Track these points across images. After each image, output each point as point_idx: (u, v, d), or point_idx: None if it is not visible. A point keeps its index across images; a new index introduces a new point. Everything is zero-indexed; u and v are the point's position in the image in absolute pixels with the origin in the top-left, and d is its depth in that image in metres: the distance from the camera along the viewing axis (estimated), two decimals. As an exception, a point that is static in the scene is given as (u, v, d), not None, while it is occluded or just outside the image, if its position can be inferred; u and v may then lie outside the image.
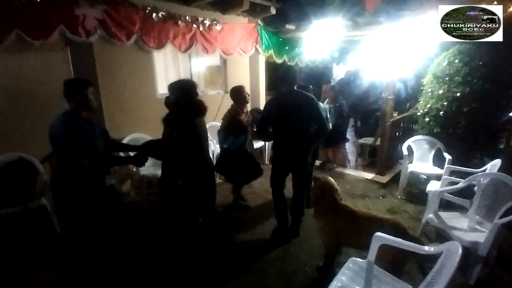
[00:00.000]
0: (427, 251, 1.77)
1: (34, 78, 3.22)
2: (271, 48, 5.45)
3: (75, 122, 1.96)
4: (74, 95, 1.99)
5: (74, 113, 2.00)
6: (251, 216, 3.55)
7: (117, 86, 3.83)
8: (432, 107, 3.92)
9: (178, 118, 2.42)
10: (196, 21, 4.31)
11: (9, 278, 2.51)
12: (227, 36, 4.77)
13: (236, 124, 3.27)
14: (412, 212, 3.61)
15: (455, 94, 3.65)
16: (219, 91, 5.30)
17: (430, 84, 4.00)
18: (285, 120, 2.77)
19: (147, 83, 4.19)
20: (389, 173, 4.72)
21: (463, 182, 2.67)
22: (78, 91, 2.00)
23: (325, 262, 2.48)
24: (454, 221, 2.59)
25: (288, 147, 2.86)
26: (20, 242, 2.95)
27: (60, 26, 3.11)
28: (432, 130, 3.98)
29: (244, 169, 3.41)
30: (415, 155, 4.17)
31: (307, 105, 2.77)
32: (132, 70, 3.95)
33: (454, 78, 3.69)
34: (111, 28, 3.49)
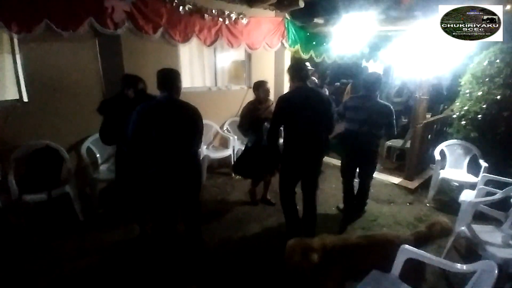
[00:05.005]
0: (459, 269, 1.62)
1: (62, 68, 3.31)
2: (298, 43, 5.29)
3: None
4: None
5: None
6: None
7: (143, 79, 3.86)
8: (469, 109, 3.64)
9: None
10: (222, 15, 4.27)
11: (30, 265, 2.57)
12: (253, 30, 4.69)
13: (254, 119, 3.17)
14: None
15: (495, 97, 3.38)
16: (242, 86, 5.24)
17: (469, 85, 3.71)
18: (298, 118, 2.53)
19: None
20: (418, 178, 4.45)
21: (500, 193, 2.45)
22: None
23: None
24: (488, 235, 2.37)
25: (302, 148, 2.60)
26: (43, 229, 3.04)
27: (89, 18, 3.17)
28: (469, 135, 3.70)
29: (261, 164, 3.29)
30: (448, 161, 3.90)
31: (322, 103, 2.57)
32: (158, 63, 3.94)
33: (495, 79, 3.41)
34: (139, 21, 3.52)
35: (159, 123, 2.17)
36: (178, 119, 2.24)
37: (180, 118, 2.25)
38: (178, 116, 2.24)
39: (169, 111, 2.22)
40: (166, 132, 2.19)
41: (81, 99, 3.45)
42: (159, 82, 2.26)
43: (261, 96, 3.22)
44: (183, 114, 2.28)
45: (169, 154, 2.26)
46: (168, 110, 2.21)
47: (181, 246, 2.65)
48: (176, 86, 2.29)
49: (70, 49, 3.31)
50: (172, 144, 2.25)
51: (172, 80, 2.27)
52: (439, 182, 3.74)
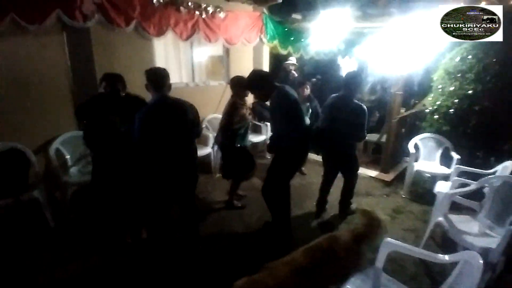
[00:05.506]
0: (442, 260, 1.67)
1: (28, 64, 3.06)
2: (276, 38, 5.25)
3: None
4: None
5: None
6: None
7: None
8: (442, 104, 3.79)
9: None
10: (199, 8, 4.13)
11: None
12: (231, 25, 4.58)
13: (240, 119, 3.11)
14: (417, 212, 3.51)
15: (467, 92, 3.53)
16: (221, 82, 5.13)
17: (441, 80, 3.87)
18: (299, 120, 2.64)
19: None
20: (394, 171, 4.61)
21: (475, 184, 2.55)
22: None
23: None
24: (464, 225, 2.48)
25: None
26: (13, 236, 2.84)
27: (57, 10, 2.96)
28: (441, 128, 3.86)
29: (243, 165, 3.29)
30: (422, 153, 4.05)
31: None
32: (131, 57, 3.79)
33: (467, 74, 3.56)
34: (110, 13, 3.32)
35: (163, 125, 2.21)
36: (179, 119, 2.29)
37: (181, 117, 2.30)
38: (179, 115, 2.29)
39: (170, 111, 2.26)
40: (170, 133, 2.25)
41: (48, 97, 3.21)
42: (151, 82, 2.25)
43: (244, 93, 3.14)
44: (183, 113, 2.32)
45: (174, 153, 2.32)
46: (169, 110, 2.25)
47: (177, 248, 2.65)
48: (169, 84, 2.31)
49: (36, 44, 3.07)
50: (176, 143, 2.32)
51: (165, 79, 2.28)
52: (414, 174, 3.88)
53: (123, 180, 2.51)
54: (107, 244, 2.78)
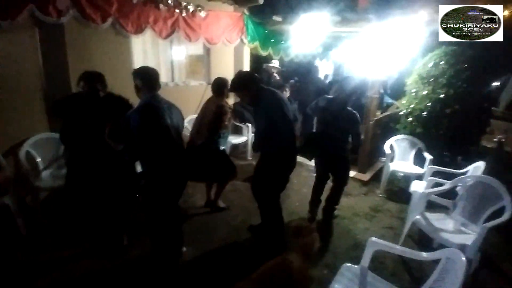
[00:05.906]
0: (425, 257, 1.76)
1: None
2: (257, 39, 5.26)
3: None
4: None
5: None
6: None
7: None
8: (415, 107, 3.98)
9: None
10: (179, 6, 4.04)
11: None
12: (212, 24, 4.53)
13: (228, 122, 3.07)
14: (394, 210, 3.67)
15: (439, 96, 3.72)
16: (201, 82, 5.05)
17: (415, 85, 4.06)
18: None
19: (123, 70, 3.83)
20: (370, 171, 4.77)
21: (449, 184, 2.70)
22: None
23: None
24: (440, 222, 2.63)
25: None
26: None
27: (30, 5, 2.78)
28: (414, 130, 4.05)
29: (222, 168, 3.26)
30: (396, 154, 4.23)
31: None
32: (108, 55, 3.62)
33: (439, 79, 3.76)
34: (85, 9, 3.17)
35: (163, 125, 2.15)
36: (175, 119, 2.26)
37: (176, 118, 2.27)
38: (175, 115, 2.27)
39: (168, 111, 2.20)
40: (170, 133, 2.20)
41: (18, 96, 3.00)
42: (145, 82, 2.16)
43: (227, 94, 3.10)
44: (178, 113, 2.32)
45: (174, 153, 2.27)
46: (167, 111, 2.20)
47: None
48: (159, 84, 2.25)
49: (6, 40, 2.87)
50: (176, 143, 2.27)
51: (158, 78, 2.24)
52: (389, 173, 4.05)
53: (101, 183, 2.40)
54: (86, 251, 2.64)
